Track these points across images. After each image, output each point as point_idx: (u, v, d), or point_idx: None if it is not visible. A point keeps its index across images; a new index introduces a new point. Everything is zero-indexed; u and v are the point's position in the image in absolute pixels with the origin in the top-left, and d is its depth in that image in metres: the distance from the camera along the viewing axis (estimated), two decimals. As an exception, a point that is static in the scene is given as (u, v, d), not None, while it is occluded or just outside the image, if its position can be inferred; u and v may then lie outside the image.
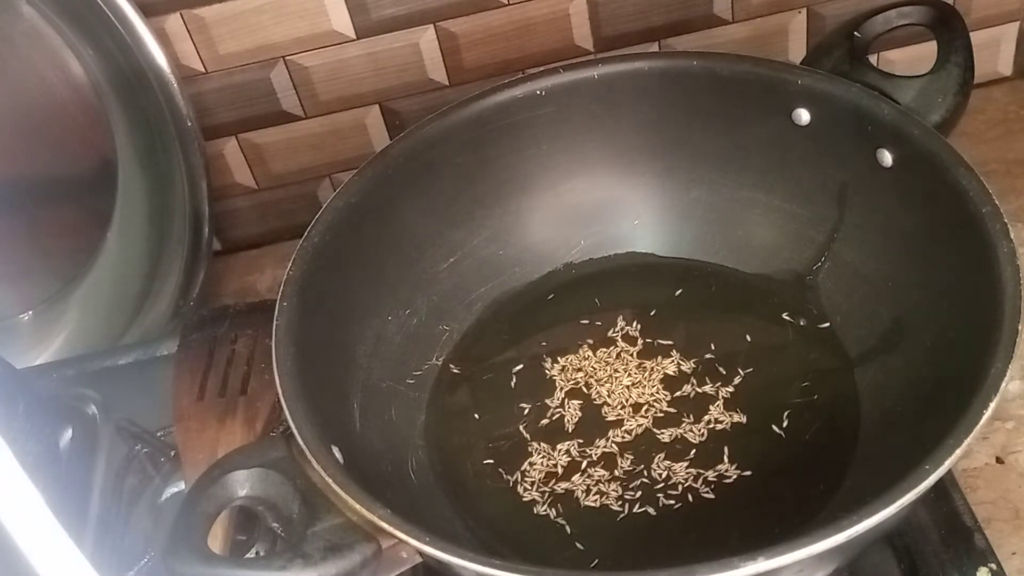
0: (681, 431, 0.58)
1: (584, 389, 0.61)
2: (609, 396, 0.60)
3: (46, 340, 0.75)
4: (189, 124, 0.67)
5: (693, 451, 0.57)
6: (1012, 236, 0.48)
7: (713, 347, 0.61)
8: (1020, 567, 0.53)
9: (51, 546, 0.32)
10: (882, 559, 0.53)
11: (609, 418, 0.59)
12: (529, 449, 0.58)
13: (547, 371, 0.62)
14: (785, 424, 0.57)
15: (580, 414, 0.60)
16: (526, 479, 0.57)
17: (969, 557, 0.52)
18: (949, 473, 0.49)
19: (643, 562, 0.53)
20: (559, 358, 0.63)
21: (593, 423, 0.59)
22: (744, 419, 0.58)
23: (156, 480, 0.60)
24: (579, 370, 0.62)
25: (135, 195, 0.72)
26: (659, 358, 0.61)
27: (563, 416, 0.60)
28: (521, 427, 0.60)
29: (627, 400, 0.60)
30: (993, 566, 0.52)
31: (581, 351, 0.63)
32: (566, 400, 0.60)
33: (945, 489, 0.54)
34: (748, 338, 0.61)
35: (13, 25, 0.66)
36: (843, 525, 0.40)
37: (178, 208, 0.71)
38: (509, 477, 0.57)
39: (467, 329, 0.64)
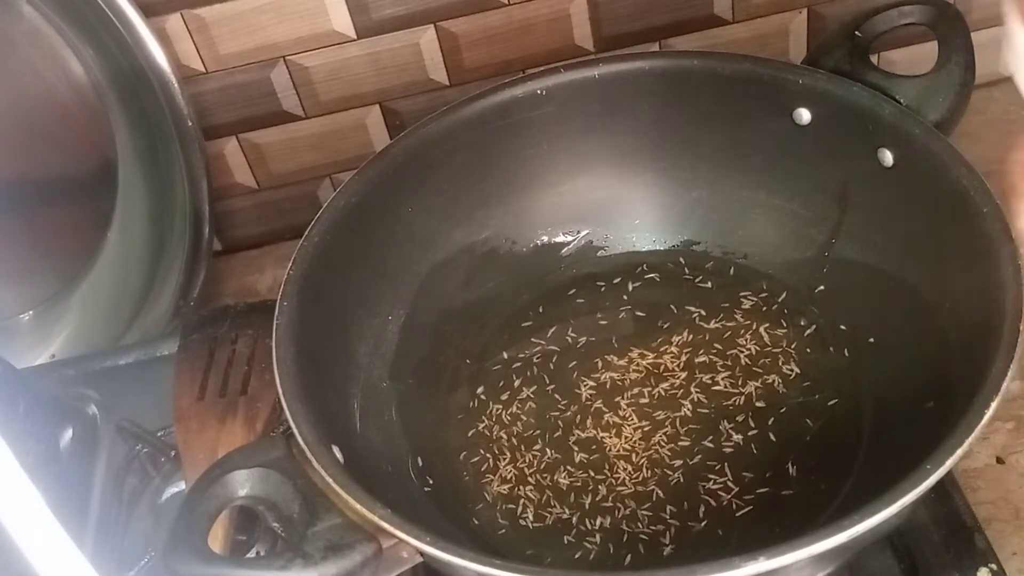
0: (682, 431, 0.58)
1: (585, 389, 0.61)
2: (610, 397, 0.60)
3: (46, 340, 0.75)
4: (189, 124, 0.67)
5: (695, 452, 0.57)
6: (1013, 236, 0.48)
7: (714, 347, 0.61)
8: (1020, 567, 0.53)
9: (51, 546, 0.32)
10: (882, 559, 0.53)
11: (610, 420, 0.59)
12: (529, 449, 0.58)
13: (547, 371, 0.62)
14: (786, 424, 0.57)
15: (581, 414, 0.60)
16: (527, 479, 0.57)
17: (969, 557, 0.52)
18: (950, 473, 0.49)
19: (644, 562, 0.53)
20: (559, 358, 0.63)
21: (594, 424, 0.59)
22: (745, 419, 0.58)
23: (156, 480, 0.60)
24: (579, 370, 0.62)
25: (135, 195, 0.72)
26: (659, 358, 0.61)
27: (564, 416, 0.60)
28: (522, 427, 0.60)
29: (629, 402, 0.60)
30: (993, 566, 0.52)
31: (581, 351, 0.63)
32: (567, 400, 0.60)
33: (946, 489, 0.54)
34: (748, 338, 0.61)
35: (13, 25, 0.66)
36: (844, 525, 0.40)
37: (178, 208, 0.71)
38: (509, 477, 0.57)
39: (467, 329, 0.64)
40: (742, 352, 0.61)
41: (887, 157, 0.56)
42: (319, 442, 0.47)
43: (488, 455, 0.59)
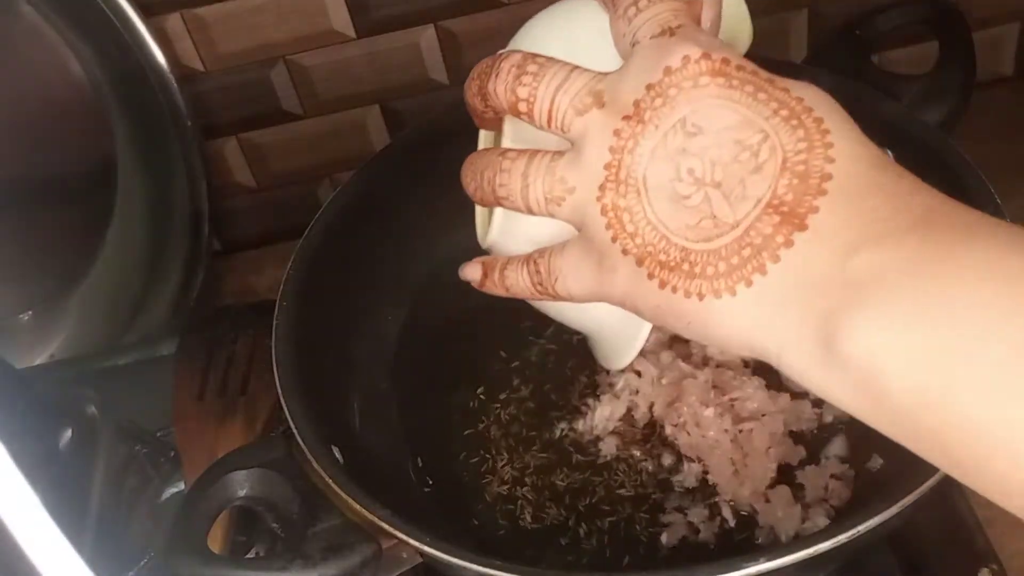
0: (684, 432, 0.57)
1: (587, 392, 0.61)
2: (613, 400, 0.60)
3: (46, 340, 0.75)
4: (189, 124, 0.67)
5: (696, 455, 0.57)
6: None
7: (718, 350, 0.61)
8: (1021, 568, 0.53)
9: (48, 546, 0.32)
10: (884, 559, 0.53)
11: (612, 420, 0.59)
12: (528, 450, 0.58)
13: (546, 371, 0.62)
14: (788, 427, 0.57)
15: (582, 416, 0.59)
16: (525, 480, 0.57)
17: (970, 558, 0.52)
18: (951, 473, 0.49)
19: (643, 563, 0.53)
20: (558, 358, 0.62)
21: (596, 424, 0.59)
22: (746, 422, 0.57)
23: (156, 480, 0.60)
24: (581, 372, 0.62)
25: (135, 195, 0.72)
26: (661, 360, 0.61)
27: (563, 416, 0.60)
28: (521, 427, 0.60)
29: (631, 400, 0.59)
30: (995, 567, 0.52)
31: (580, 350, 0.62)
32: (566, 400, 0.60)
33: (946, 490, 0.54)
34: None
35: (13, 25, 0.65)
36: (845, 526, 0.40)
37: (178, 208, 0.71)
38: (508, 478, 0.57)
39: (466, 329, 0.64)
40: (745, 356, 0.60)
41: (888, 156, 0.56)
42: (319, 442, 0.47)
43: (487, 455, 0.59)
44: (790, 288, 0.31)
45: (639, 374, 0.59)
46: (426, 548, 0.43)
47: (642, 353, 0.59)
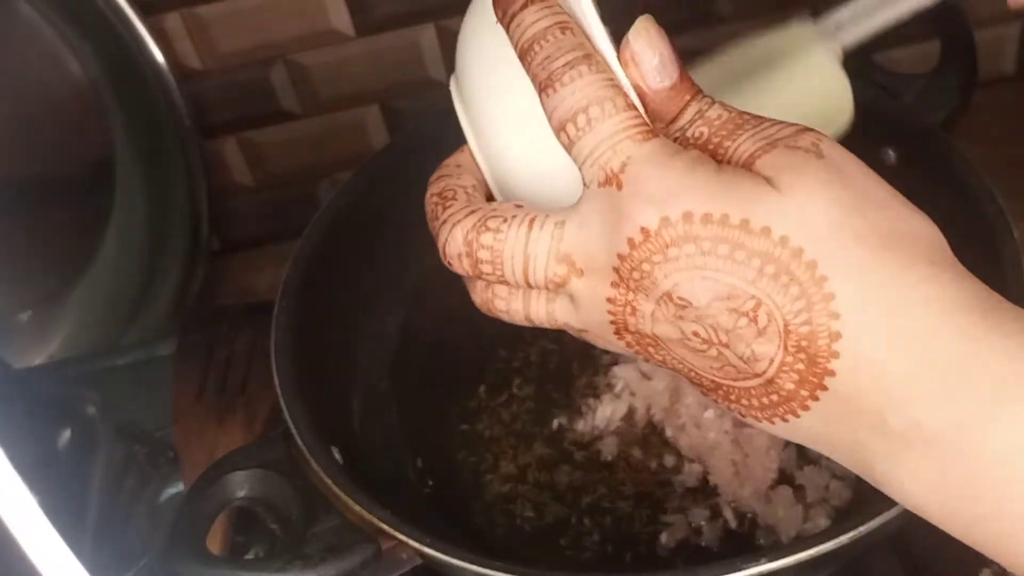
0: (684, 433, 0.57)
1: (588, 392, 0.61)
2: (614, 400, 0.60)
3: (45, 340, 0.74)
4: (187, 123, 0.67)
5: (697, 455, 0.57)
6: (1016, 236, 0.48)
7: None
8: (1023, 568, 0.53)
9: (47, 547, 0.32)
10: (885, 560, 0.53)
11: (613, 420, 0.59)
12: (528, 448, 0.58)
13: (546, 370, 0.62)
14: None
15: (583, 416, 0.59)
16: (526, 479, 0.57)
17: (972, 558, 0.52)
18: (952, 474, 0.49)
19: (644, 561, 0.53)
20: (558, 357, 0.62)
21: (597, 425, 0.59)
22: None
23: (155, 481, 0.60)
24: (578, 368, 0.61)
25: (133, 194, 0.72)
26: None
27: (563, 415, 0.59)
28: (521, 426, 0.59)
29: (631, 401, 0.59)
30: (996, 567, 0.52)
31: (580, 350, 0.62)
32: (566, 399, 0.60)
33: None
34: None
35: (12, 25, 0.65)
36: (846, 527, 0.40)
37: (176, 207, 0.71)
38: (509, 477, 0.57)
39: (466, 329, 0.64)
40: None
41: (889, 156, 0.56)
42: (318, 443, 0.46)
43: (488, 455, 0.59)
44: (824, 430, 0.31)
45: (641, 375, 0.59)
46: (426, 549, 0.43)
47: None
